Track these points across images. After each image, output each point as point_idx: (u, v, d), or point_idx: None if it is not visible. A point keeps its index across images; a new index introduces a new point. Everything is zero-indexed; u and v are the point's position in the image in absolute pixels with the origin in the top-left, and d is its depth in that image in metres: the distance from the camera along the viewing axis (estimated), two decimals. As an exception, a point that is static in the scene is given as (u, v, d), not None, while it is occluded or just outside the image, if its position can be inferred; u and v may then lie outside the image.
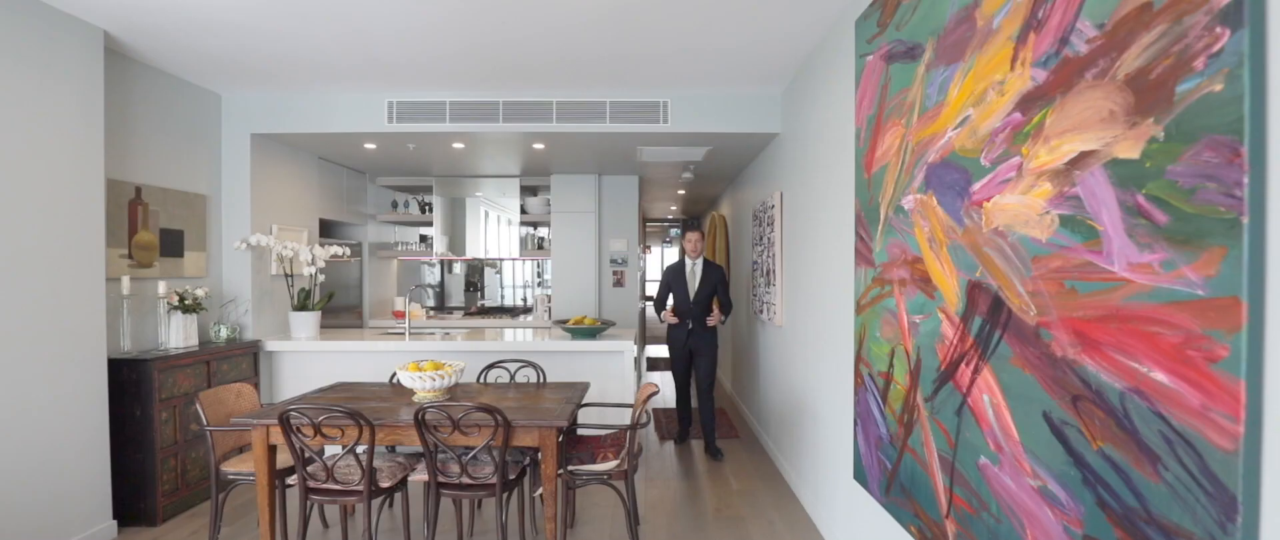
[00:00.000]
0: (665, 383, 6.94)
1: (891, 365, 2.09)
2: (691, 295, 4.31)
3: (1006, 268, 1.43)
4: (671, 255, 17.48)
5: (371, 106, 3.96)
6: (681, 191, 7.30)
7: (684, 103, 3.93)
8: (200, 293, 3.54)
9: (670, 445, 4.57)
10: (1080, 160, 1.19)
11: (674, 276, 4.38)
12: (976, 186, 1.56)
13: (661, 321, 4.40)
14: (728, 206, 6.80)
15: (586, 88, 3.82)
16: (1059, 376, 1.26)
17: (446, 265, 7.33)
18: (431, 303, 7.19)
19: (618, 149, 4.60)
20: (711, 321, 4.28)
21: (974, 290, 1.57)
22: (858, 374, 2.40)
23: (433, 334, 4.59)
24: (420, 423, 2.38)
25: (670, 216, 10.67)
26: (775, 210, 3.99)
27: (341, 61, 3.40)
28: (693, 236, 4.39)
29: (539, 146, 4.50)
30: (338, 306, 5.45)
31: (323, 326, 5.07)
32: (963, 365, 1.62)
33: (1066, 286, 1.24)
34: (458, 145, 4.43)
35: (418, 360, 3.01)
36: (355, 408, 2.64)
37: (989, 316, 1.51)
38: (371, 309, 5.86)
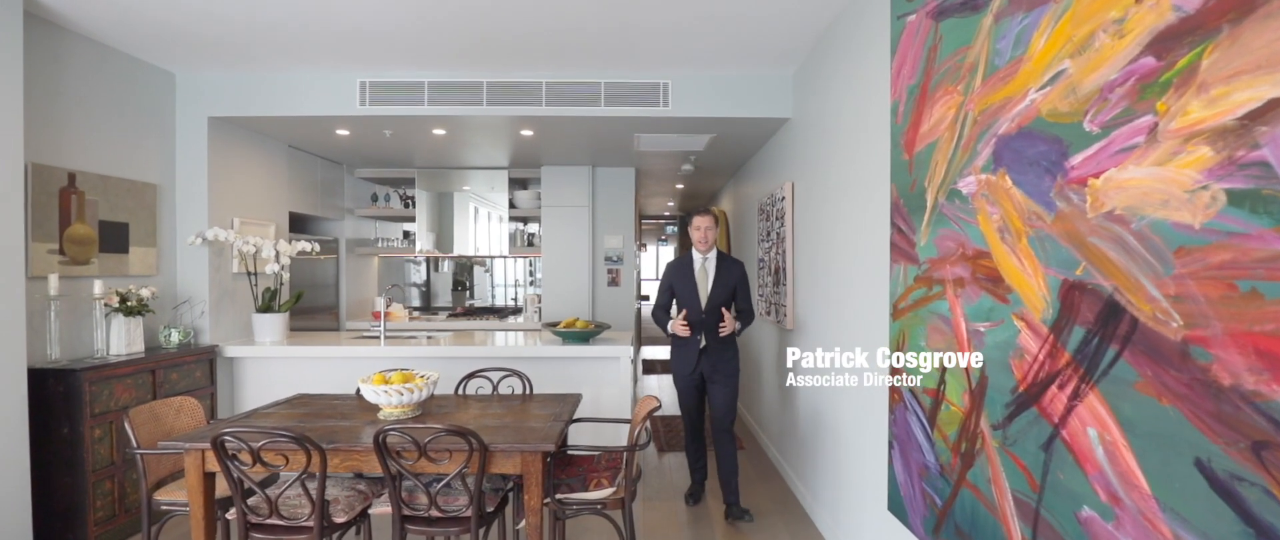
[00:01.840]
0: (663, 388, 6.60)
1: (942, 381, 1.74)
2: (703, 301, 3.18)
3: (1129, 263, 1.09)
4: (667, 255, 16.78)
5: (342, 87, 3.59)
6: (680, 186, 6.96)
7: (686, 84, 3.57)
8: (145, 293, 3.16)
9: (670, 457, 4.22)
10: (1268, 111, 0.85)
11: (678, 276, 3.27)
12: (1076, 159, 1.21)
13: (670, 333, 3.24)
14: (729, 201, 6.46)
15: (579, 67, 3.46)
16: (1227, 413, 0.91)
17: (433, 263, 6.96)
18: (417, 303, 6.82)
19: (613, 137, 4.24)
20: (725, 329, 3.09)
21: (1072, 293, 1.23)
22: (894, 389, 2.06)
23: (414, 338, 4.22)
24: (381, 447, 2.02)
25: (667, 212, 10.33)
26: (786, 202, 3.64)
27: (307, 36, 3.03)
28: (702, 222, 3.22)
29: (527, 133, 4.13)
30: (313, 307, 5.08)
31: (295, 329, 4.69)
32: (1053, 388, 1.28)
33: (1241, 289, 0.89)
34: (438, 131, 4.06)
35: (388, 369, 2.65)
36: (309, 426, 2.28)
37: (1098, 326, 1.16)
38: (349, 310, 5.48)
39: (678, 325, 3.18)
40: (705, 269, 3.25)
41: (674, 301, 3.31)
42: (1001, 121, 1.46)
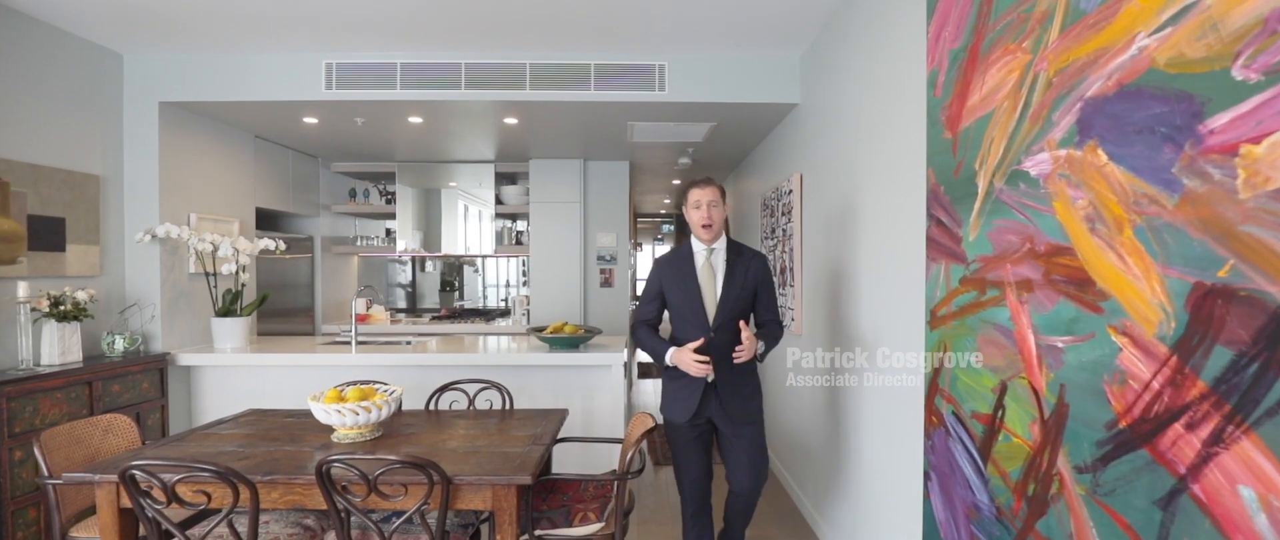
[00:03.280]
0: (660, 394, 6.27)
1: (1000, 405, 1.43)
2: (711, 312, 2.18)
3: (1316, 261, 0.77)
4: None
5: (306, 70, 3.25)
6: (676, 181, 6.64)
7: (684, 67, 3.25)
8: (82, 295, 2.83)
9: (667, 472, 3.91)
10: None
11: (673, 276, 2.23)
12: (1219, 120, 0.90)
13: (669, 364, 2.21)
14: (729, 197, 6.14)
15: (567, 47, 3.14)
16: None
17: (419, 263, 6.63)
18: (402, 304, 6.49)
19: (605, 125, 3.92)
20: (741, 353, 2.09)
21: (1210, 301, 0.91)
22: (932, 410, 1.75)
23: (392, 343, 3.89)
24: (324, 479, 1.70)
25: (663, 211, 10.01)
26: (793, 196, 3.33)
27: (268, 12, 2.71)
28: (702, 195, 2.19)
29: (511, 121, 3.81)
30: (287, 310, 4.74)
31: (265, 333, 4.38)
32: (1178, 426, 0.97)
33: None
34: (415, 119, 3.73)
35: (348, 383, 2.34)
36: (250, 452, 1.96)
37: (1258, 348, 0.85)
38: (325, 312, 5.15)
39: (686, 357, 2.11)
40: (711, 265, 2.21)
41: (665, 313, 2.31)
42: (1092, 80, 1.14)
